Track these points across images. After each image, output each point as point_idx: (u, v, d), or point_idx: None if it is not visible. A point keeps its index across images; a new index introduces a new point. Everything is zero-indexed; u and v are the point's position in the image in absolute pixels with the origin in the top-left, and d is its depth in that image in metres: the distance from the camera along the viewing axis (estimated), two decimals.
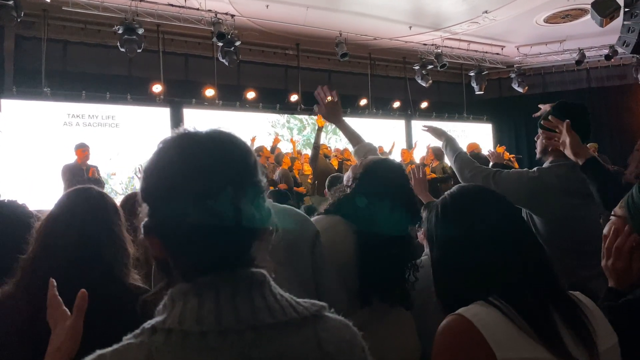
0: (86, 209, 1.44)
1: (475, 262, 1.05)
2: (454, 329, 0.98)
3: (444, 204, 1.17)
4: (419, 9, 9.06)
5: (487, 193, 1.18)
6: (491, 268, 1.03)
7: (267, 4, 8.39)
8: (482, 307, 0.98)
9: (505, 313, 0.97)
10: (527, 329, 0.95)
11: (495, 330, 0.94)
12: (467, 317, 0.96)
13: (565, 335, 0.97)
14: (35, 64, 8.43)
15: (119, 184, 8.78)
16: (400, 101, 11.98)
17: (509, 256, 1.04)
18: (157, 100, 9.24)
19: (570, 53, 11.18)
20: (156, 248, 0.77)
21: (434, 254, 1.15)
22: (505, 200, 1.16)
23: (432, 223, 1.17)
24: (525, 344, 0.94)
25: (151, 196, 0.77)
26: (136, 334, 0.72)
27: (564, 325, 0.99)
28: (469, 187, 1.22)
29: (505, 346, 0.93)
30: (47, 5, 8.00)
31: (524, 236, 1.10)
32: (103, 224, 1.44)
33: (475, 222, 1.09)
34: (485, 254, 1.05)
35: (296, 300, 0.80)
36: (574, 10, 9.24)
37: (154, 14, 8.31)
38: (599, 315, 1.06)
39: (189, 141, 0.78)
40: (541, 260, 1.07)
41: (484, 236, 1.07)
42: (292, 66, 10.98)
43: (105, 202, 1.50)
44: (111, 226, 1.46)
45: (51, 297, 1.07)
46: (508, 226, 1.10)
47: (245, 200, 0.75)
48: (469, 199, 1.16)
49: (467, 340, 0.95)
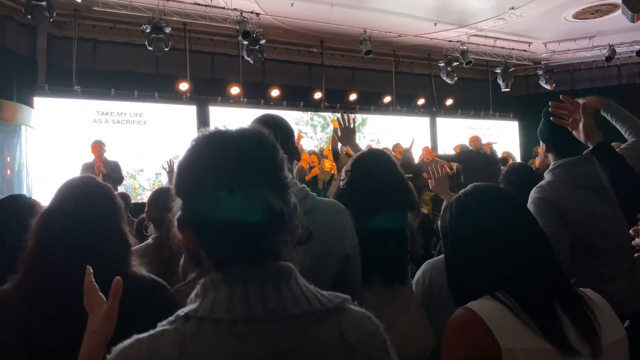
0: (82, 201, 1.38)
1: (484, 259, 1.12)
2: (461, 321, 1.05)
3: (458, 201, 1.23)
4: (444, 5, 8.98)
5: (498, 192, 1.23)
6: (499, 264, 1.10)
7: (292, 2, 8.43)
8: (489, 301, 1.05)
9: (510, 307, 1.03)
10: (530, 323, 1.01)
11: (499, 323, 1.01)
12: (473, 310, 1.03)
13: (568, 329, 1.02)
14: (66, 63, 8.65)
15: (146, 180, 8.94)
16: (425, 98, 11.89)
17: (516, 253, 1.10)
18: (183, 98, 9.37)
19: (600, 49, 10.92)
20: (189, 240, 0.81)
21: (447, 249, 1.23)
22: (515, 199, 1.22)
23: (446, 220, 1.24)
24: (527, 336, 1.00)
25: (184, 191, 0.81)
26: (170, 321, 0.76)
27: (568, 319, 1.04)
28: (482, 186, 1.26)
29: (508, 337, 0.99)
30: (78, 6, 8.19)
31: (532, 234, 1.15)
32: (102, 216, 1.39)
33: (486, 220, 1.16)
34: (493, 250, 1.12)
35: (321, 292, 0.84)
36: (604, 6, 9.02)
37: (181, 13, 8.43)
38: (607, 310, 1.11)
39: (220, 138, 0.82)
40: (548, 258, 1.12)
41: (493, 234, 1.13)
42: (316, 64, 11.00)
43: (103, 194, 1.44)
44: (109, 217, 1.42)
45: (88, 283, 1.11)
46: (517, 224, 1.16)
47: (274, 195, 0.79)
48: (481, 197, 1.21)
49: (473, 331, 1.01)
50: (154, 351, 0.72)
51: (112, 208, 1.43)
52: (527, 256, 1.10)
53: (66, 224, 1.33)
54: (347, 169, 1.96)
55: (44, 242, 1.33)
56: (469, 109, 12.25)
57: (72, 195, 1.40)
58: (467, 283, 1.14)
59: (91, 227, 1.35)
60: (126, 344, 0.75)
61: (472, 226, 1.17)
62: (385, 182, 1.85)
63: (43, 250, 1.32)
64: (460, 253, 1.18)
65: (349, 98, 10.98)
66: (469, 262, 1.15)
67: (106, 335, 1.06)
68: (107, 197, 1.44)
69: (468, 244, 1.16)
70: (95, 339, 1.05)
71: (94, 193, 1.42)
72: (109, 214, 1.41)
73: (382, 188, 1.83)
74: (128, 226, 1.49)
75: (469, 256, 1.15)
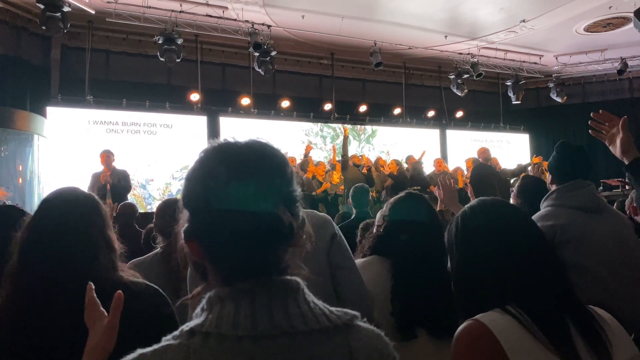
0: (65, 213, 1.37)
1: (493, 275, 1.09)
2: (471, 334, 1.01)
3: (464, 216, 1.20)
4: (455, 18, 9.00)
5: (507, 207, 1.21)
6: (508, 281, 1.07)
7: (303, 15, 8.49)
8: (499, 314, 1.02)
9: (521, 321, 0.99)
10: (541, 338, 0.98)
11: (510, 337, 0.97)
12: (483, 323, 1.00)
13: (579, 346, 1.00)
14: (79, 73, 8.76)
15: (156, 189, 8.98)
16: (435, 110, 11.88)
17: (525, 269, 1.07)
18: (194, 109, 9.44)
19: (612, 62, 10.88)
20: (196, 253, 0.80)
21: (454, 264, 1.19)
22: (524, 215, 1.20)
23: (451, 234, 1.21)
24: (539, 352, 0.97)
25: (192, 202, 0.80)
26: (175, 336, 0.75)
27: (579, 336, 1.01)
28: (489, 201, 1.24)
29: (519, 352, 0.96)
30: (91, 17, 8.30)
31: (541, 251, 1.12)
32: (85, 226, 1.37)
33: (493, 236, 1.13)
34: (502, 267, 1.09)
35: (329, 308, 0.81)
36: (615, 19, 9.00)
37: (193, 25, 8.52)
38: (617, 328, 1.07)
39: (229, 150, 0.81)
40: (558, 274, 1.10)
41: (501, 250, 1.10)
42: (326, 75, 11.05)
43: (84, 203, 1.42)
44: (92, 225, 1.39)
45: (89, 298, 1.11)
46: (526, 240, 1.13)
47: (283, 208, 0.77)
48: (489, 212, 1.19)
49: (483, 344, 0.98)
50: None
51: (96, 215, 1.41)
52: (537, 271, 1.08)
53: (51, 233, 1.32)
54: (384, 213, 1.93)
55: (29, 252, 1.31)
56: (479, 121, 12.22)
57: (56, 205, 1.39)
58: (474, 297, 1.11)
59: (76, 235, 1.33)
60: (129, 359, 0.73)
61: (479, 242, 1.14)
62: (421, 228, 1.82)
63: (29, 261, 1.29)
64: (466, 268, 1.15)
65: (359, 110, 11.00)
66: (476, 277, 1.12)
67: (107, 349, 1.06)
68: (91, 204, 1.43)
69: (475, 260, 1.13)
70: (96, 353, 1.06)
71: (77, 201, 1.41)
72: (93, 220, 1.39)
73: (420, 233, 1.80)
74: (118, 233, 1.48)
75: (476, 271, 1.12)
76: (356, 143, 11.16)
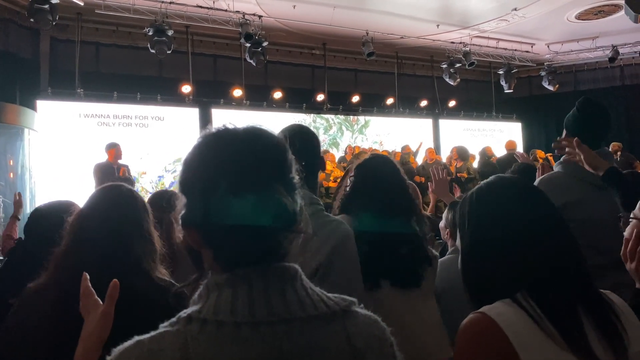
0: (117, 205, 1.49)
1: (506, 254, 1.01)
2: (477, 328, 0.95)
3: (480, 191, 1.12)
4: (446, 7, 8.98)
5: (525, 186, 1.13)
6: (522, 262, 0.99)
7: (294, 5, 8.44)
8: (508, 307, 0.95)
9: (532, 315, 0.93)
10: (552, 332, 0.92)
11: (520, 332, 0.91)
12: (491, 317, 0.93)
13: (592, 338, 0.94)
14: (69, 66, 8.68)
15: (148, 182, 8.94)
16: (428, 100, 11.89)
17: (542, 253, 1.00)
18: (186, 101, 9.38)
19: (603, 50, 10.91)
20: (193, 239, 0.79)
21: (465, 241, 1.10)
22: (543, 195, 1.10)
23: (464, 209, 1.12)
24: (550, 348, 0.91)
25: (190, 188, 0.79)
26: (172, 322, 0.74)
27: (593, 326, 0.95)
28: (508, 178, 1.17)
29: (529, 349, 0.90)
30: (80, 9, 8.21)
31: (559, 234, 1.04)
32: (133, 220, 1.49)
33: (510, 214, 1.05)
34: (517, 249, 1.01)
35: (327, 294, 0.81)
36: (606, 6, 9.01)
37: (183, 16, 8.45)
38: (630, 315, 1.02)
39: (228, 136, 0.80)
40: (575, 260, 1.02)
41: (518, 229, 1.02)
42: (318, 66, 11.02)
43: (135, 199, 1.55)
44: (140, 222, 1.50)
45: (84, 288, 1.13)
46: (544, 222, 1.05)
47: (282, 195, 0.76)
48: (506, 190, 1.10)
49: (490, 340, 0.92)
50: (155, 353, 0.70)
51: (141, 214, 1.52)
52: (553, 256, 1.00)
53: (98, 226, 1.43)
54: (351, 174, 2.00)
55: (79, 239, 1.42)
56: (471, 110, 12.24)
57: (106, 200, 1.50)
58: (485, 278, 1.04)
59: (120, 232, 1.44)
60: (127, 346, 0.73)
61: (495, 222, 1.05)
62: (389, 188, 1.91)
63: (77, 247, 1.41)
64: (479, 245, 1.06)
65: (352, 100, 10.98)
66: (489, 256, 1.03)
67: (101, 337, 1.07)
68: (138, 203, 1.54)
69: (490, 241, 1.04)
70: (90, 341, 1.07)
71: (126, 200, 1.52)
72: (138, 220, 1.50)
73: (387, 194, 1.88)
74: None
75: (490, 253, 1.03)
76: (349, 134, 11.15)
